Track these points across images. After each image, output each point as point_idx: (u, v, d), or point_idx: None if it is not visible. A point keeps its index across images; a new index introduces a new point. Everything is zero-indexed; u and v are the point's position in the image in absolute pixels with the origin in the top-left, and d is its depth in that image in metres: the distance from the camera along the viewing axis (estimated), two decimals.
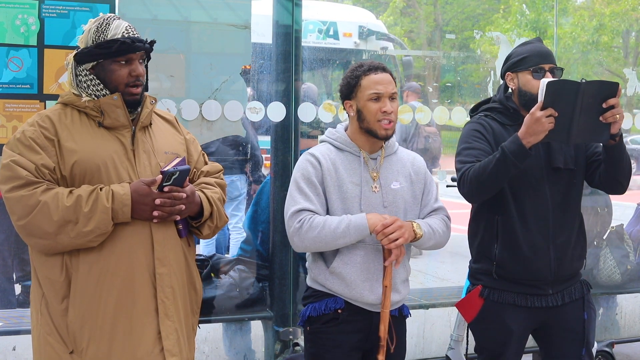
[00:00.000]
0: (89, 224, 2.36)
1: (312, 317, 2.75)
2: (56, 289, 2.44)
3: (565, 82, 2.72)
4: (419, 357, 4.57)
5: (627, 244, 4.91)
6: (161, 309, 2.48)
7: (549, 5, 10.41)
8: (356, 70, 2.76)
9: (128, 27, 2.52)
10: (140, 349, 2.44)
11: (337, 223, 2.64)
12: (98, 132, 2.50)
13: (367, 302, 2.72)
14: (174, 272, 2.53)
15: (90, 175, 2.43)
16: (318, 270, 2.76)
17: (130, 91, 2.51)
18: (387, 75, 2.75)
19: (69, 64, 2.55)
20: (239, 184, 5.96)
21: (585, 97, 2.68)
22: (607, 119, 2.74)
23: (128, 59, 2.50)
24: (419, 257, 7.07)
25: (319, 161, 2.73)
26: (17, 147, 2.42)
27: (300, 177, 2.73)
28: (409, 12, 18.85)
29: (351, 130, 2.81)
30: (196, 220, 2.62)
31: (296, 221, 2.66)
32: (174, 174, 2.44)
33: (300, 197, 2.70)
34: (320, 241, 2.65)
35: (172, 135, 2.71)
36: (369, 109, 2.71)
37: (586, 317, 3.01)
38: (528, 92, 2.95)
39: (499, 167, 2.76)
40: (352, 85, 2.75)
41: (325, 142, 2.84)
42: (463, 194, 2.95)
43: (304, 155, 2.81)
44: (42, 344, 2.48)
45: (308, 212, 2.67)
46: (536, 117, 2.68)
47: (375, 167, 2.79)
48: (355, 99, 2.75)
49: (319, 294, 2.76)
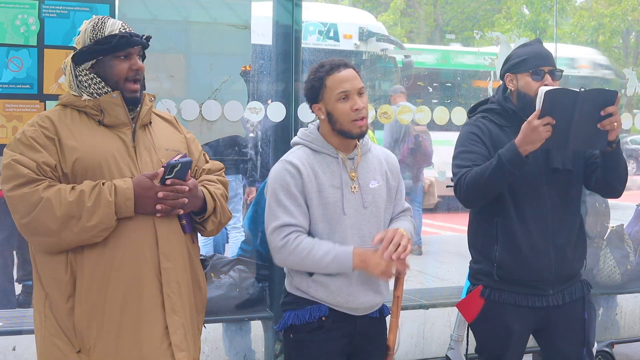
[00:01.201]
0: (92, 218, 2.35)
1: (295, 325, 2.69)
2: (61, 289, 2.43)
3: (563, 91, 2.69)
4: (419, 357, 4.57)
5: (627, 244, 4.91)
6: (167, 304, 2.47)
7: (548, 6, 10.43)
8: (318, 71, 2.66)
9: (123, 24, 2.55)
10: (148, 345, 2.42)
11: (322, 255, 2.57)
12: (98, 130, 2.50)
13: (351, 308, 2.67)
14: (179, 267, 2.52)
15: (92, 172, 2.43)
16: (299, 278, 2.69)
17: (130, 87, 2.52)
18: (350, 70, 2.65)
19: (67, 67, 2.56)
20: (234, 184, 5.97)
21: (583, 105, 2.68)
22: (604, 127, 2.74)
23: (127, 54, 2.51)
24: (419, 257, 7.08)
25: (299, 169, 2.63)
26: (18, 147, 2.43)
27: (279, 188, 2.63)
28: (409, 12, 18.86)
29: (324, 132, 2.71)
30: (199, 215, 2.61)
31: (279, 238, 2.59)
32: (176, 166, 2.43)
33: (280, 211, 2.60)
34: (302, 266, 2.62)
35: (172, 134, 2.71)
36: (340, 111, 2.62)
37: (586, 317, 3.01)
38: (527, 94, 2.95)
39: (496, 174, 2.77)
40: (317, 87, 2.65)
41: (300, 145, 2.74)
42: (460, 200, 2.95)
43: (280, 164, 2.69)
44: (47, 346, 2.47)
45: (292, 227, 2.60)
46: (533, 126, 2.68)
47: (353, 166, 2.72)
48: (323, 101, 2.66)
49: (300, 300, 2.69)
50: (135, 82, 2.53)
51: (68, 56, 2.56)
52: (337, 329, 2.68)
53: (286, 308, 2.74)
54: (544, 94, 2.66)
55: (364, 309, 2.71)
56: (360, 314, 2.70)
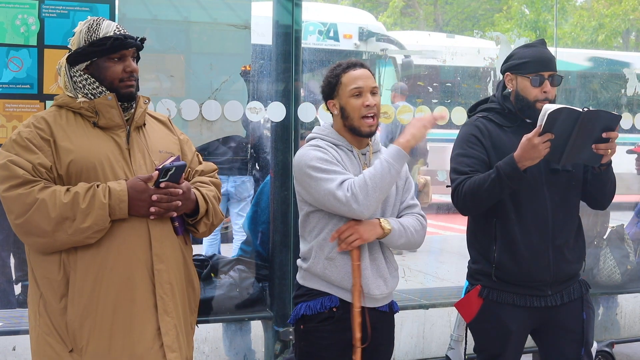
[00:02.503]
0: (86, 220, 2.37)
1: (307, 315, 2.75)
2: (54, 288, 2.45)
3: (567, 110, 2.69)
4: (419, 357, 4.57)
5: (627, 244, 4.91)
6: (160, 305, 2.50)
7: (549, 6, 10.42)
8: (335, 69, 2.81)
9: (118, 25, 2.58)
10: (140, 345, 2.45)
11: (374, 169, 2.62)
12: (93, 132, 2.53)
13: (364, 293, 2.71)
14: (172, 269, 2.55)
15: (87, 174, 2.45)
16: (315, 261, 2.72)
17: (126, 85, 2.54)
18: (366, 70, 2.78)
19: (61, 68, 2.58)
20: (248, 184, 5.97)
21: (583, 123, 2.69)
22: (599, 151, 2.78)
23: (121, 56, 2.54)
24: (420, 257, 7.07)
25: (324, 148, 2.73)
26: (14, 148, 2.45)
27: (314, 162, 2.67)
28: (409, 12, 18.85)
29: (337, 128, 2.83)
30: (192, 217, 2.64)
31: (345, 195, 2.59)
32: (170, 170, 2.46)
33: (326, 178, 2.63)
34: (382, 190, 2.62)
35: (166, 136, 2.74)
36: (352, 105, 2.74)
37: (585, 317, 3.01)
38: (525, 97, 2.96)
39: (494, 187, 2.80)
40: (334, 84, 2.79)
41: (317, 139, 2.82)
42: (456, 207, 2.98)
43: (304, 149, 2.77)
44: (41, 345, 2.49)
45: (345, 181, 2.62)
46: (534, 144, 2.70)
47: (366, 162, 2.81)
48: (338, 97, 2.78)
49: (313, 292, 2.76)
50: (129, 85, 2.56)
51: (63, 57, 2.58)
52: (348, 319, 2.72)
53: (298, 300, 2.81)
54: (547, 115, 2.67)
55: (374, 298, 2.74)
56: (370, 305, 2.74)
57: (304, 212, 2.79)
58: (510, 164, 2.75)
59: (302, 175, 2.72)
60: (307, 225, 2.79)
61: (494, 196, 2.84)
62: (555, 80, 2.97)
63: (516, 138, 2.92)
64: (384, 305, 2.82)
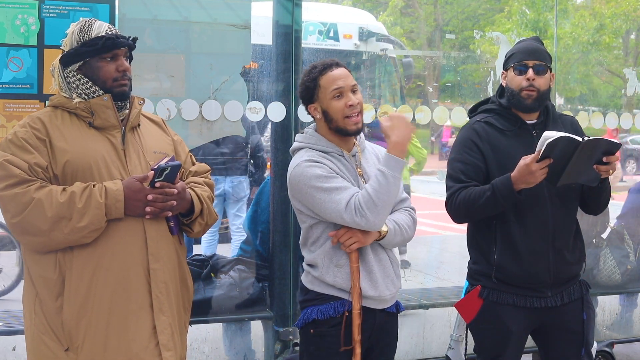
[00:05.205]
0: (82, 219, 2.38)
1: (318, 320, 2.71)
2: (50, 287, 2.46)
3: (566, 139, 2.68)
4: (419, 357, 4.57)
5: (627, 244, 4.92)
6: (155, 304, 2.52)
7: (549, 5, 10.40)
8: (311, 72, 2.73)
9: (109, 26, 2.60)
10: (136, 344, 2.46)
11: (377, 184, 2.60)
12: (89, 132, 2.54)
13: (373, 297, 2.71)
14: (167, 268, 2.57)
15: (82, 174, 2.47)
16: (324, 269, 2.70)
17: (119, 84, 2.56)
18: (343, 69, 2.72)
19: (55, 69, 2.60)
20: (245, 184, 5.97)
21: (582, 150, 2.70)
22: (600, 171, 2.79)
23: (114, 55, 2.55)
24: (420, 257, 7.08)
25: (319, 162, 2.67)
26: (10, 148, 2.46)
27: (314, 181, 2.62)
28: (409, 12, 18.84)
29: (322, 133, 2.77)
30: (187, 217, 2.66)
31: (354, 214, 2.58)
32: (165, 170, 2.48)
33: (333, 195, 2.60)
34: (388, 198, 2.60)
35: (160, 136, 2.76)
36: (334, 108, 2.68)
37: (585, 317, 3.01)
38: (512, 89, 2.98)
39: (489, 204, 2.83)
40: (312, 88, 2.72)
41: (305, 149, 2.76)
42: (449, 215, 3.00)
43: (298, 168, 2.68)
44: (36, 344, 2.50)
45: (353, 196, 2.60)
46: (531, 170, 2.72)
47: (357, 163, 2.79)
48: (318, 100, 2.72)
49: (324, 297, 2.73)
50: (123, 84, 2.57)
51: (56, 58, 2.60)
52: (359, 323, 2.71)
53: (307, 305, 2.77)
54: (546, 144, 2.67)
55: (383, 300, 2.75)
56: (380, 306, 2.75)
57: (307, 225, 2.75)
58: (507, 185, 2.77)
59: (302, 195, 2.68)
60: (310, 236, 2.76)
61: (488, 212, 2.88)
62: (540, 69, 2.95)
63: (516, 141, 2.93)
64: (391, 306, 2.82)
